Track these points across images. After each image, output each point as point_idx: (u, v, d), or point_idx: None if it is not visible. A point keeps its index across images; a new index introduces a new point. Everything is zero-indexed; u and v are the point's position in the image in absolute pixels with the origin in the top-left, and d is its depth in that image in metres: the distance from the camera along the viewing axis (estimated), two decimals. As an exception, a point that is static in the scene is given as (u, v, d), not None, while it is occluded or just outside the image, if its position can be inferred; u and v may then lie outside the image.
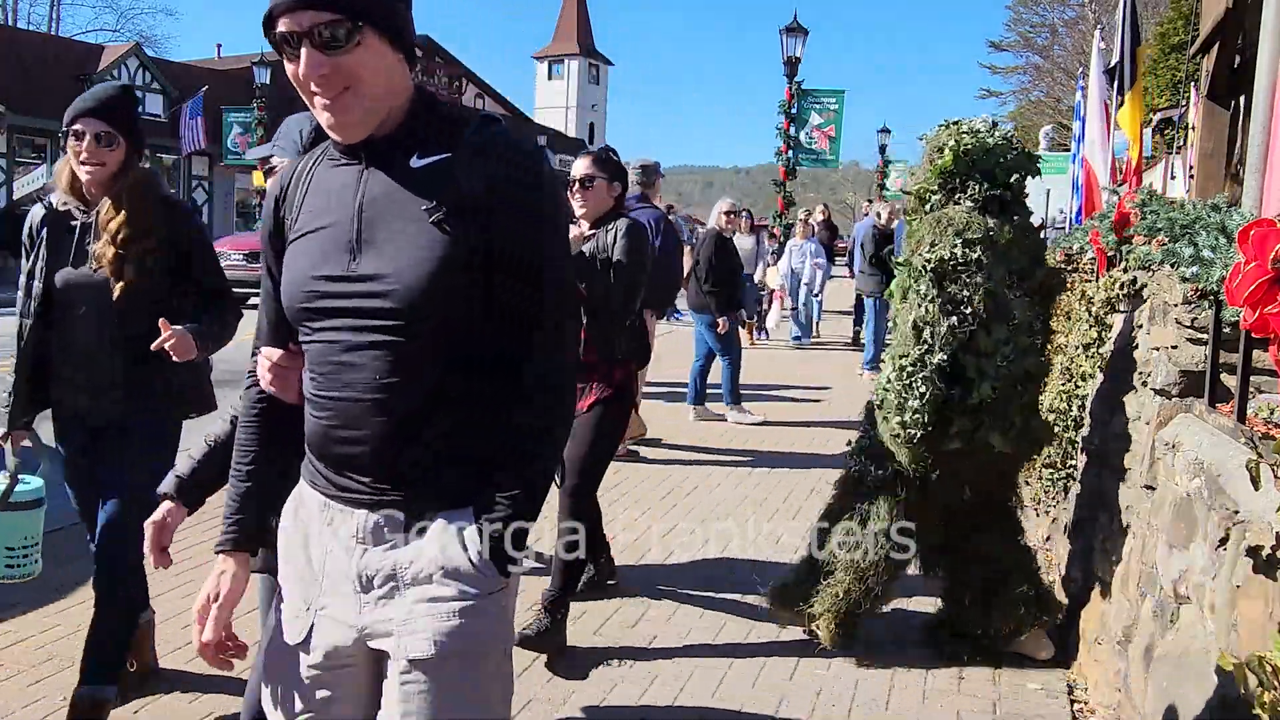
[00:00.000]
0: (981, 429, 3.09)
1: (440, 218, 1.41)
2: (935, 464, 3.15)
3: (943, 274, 3.10)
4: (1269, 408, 2.37)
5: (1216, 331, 2.51)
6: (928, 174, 3.31)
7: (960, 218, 3.14)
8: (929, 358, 3.06)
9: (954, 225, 3.13)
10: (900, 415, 3.09)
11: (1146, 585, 2.66)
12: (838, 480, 3.54)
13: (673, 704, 3.03)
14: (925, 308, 3.09)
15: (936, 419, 3.07)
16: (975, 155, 3.21)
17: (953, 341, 3.05)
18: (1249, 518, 1.90)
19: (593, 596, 3.81)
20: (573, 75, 60.27)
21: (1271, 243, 1.63)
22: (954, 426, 3.08)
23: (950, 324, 3.05)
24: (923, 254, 3.13)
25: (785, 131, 15.40)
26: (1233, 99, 6.20)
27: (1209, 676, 2.00)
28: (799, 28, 15.14)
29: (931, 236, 3.15)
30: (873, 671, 3.28)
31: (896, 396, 3.11)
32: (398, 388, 1.44)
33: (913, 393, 3.07)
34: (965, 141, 3.21)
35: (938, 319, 3.07)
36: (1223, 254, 2.67)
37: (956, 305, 3.08)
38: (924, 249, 3.14)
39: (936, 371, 3.05)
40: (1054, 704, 3.07)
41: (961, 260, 3.08)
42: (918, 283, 3.14)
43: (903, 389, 3.09)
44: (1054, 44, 35.15)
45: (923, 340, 3.08)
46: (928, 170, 3.32)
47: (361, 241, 1.45)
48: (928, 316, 3.08)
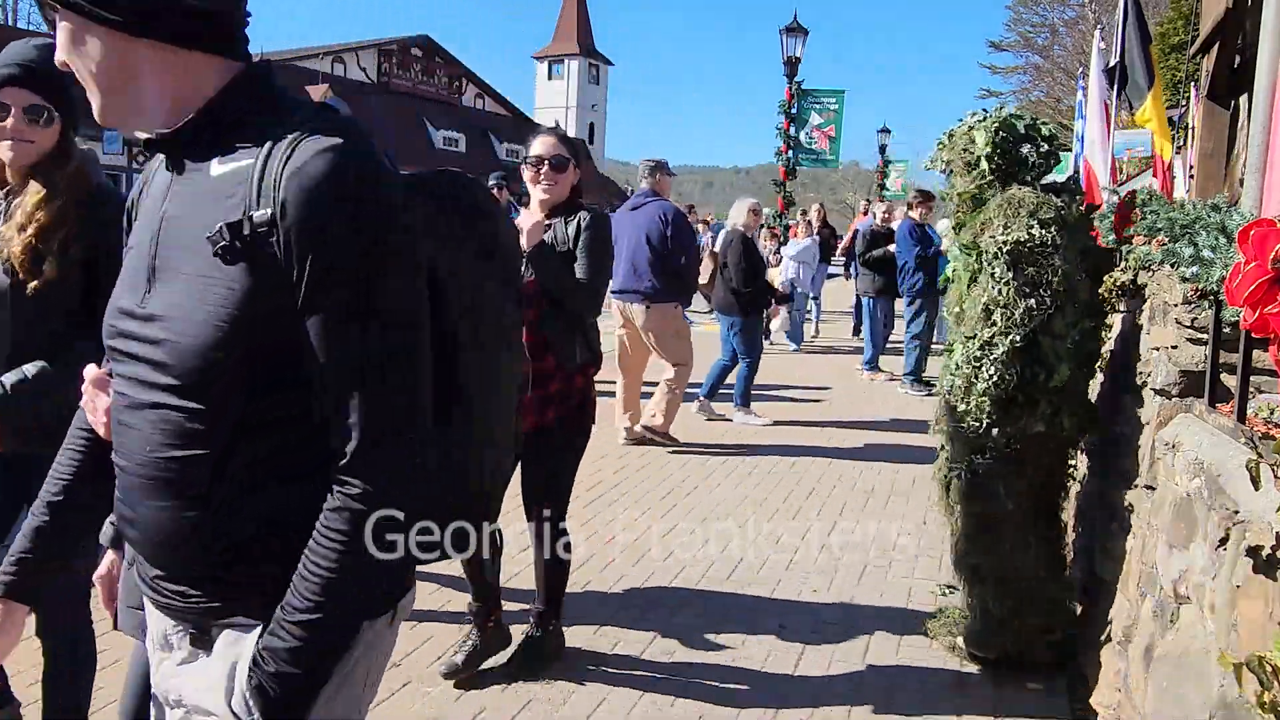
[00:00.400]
0: (1060, 412, 3.08)
1: (224, 246, 1.09)
2: (1005, 453, 3.10)
3: (1019, 256, 3.05)
4: (1269, 408, 2.37)
5: (1216, 331, 2.51)
6: (968, 165, 3.26)
7: (1031, 198, 3.11)
8: (1000, 339, 3.03)
9: (1026, 206, 3.08)
10: (967, 400, 3.09)
11: (1146, 585, 2.66)
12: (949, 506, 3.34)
13: (673, 704, 3.03)
14: (1000, 290, 3.05)
15: (1023, 400, 3.04)
16: (1010, 140, 3.21)
17: (1028, 323, 3.02)
18: (1249, 518, 1.90)
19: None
20: (573, 75, 60.28)
21: (1271, 243, 1.63)
22: (1040, 408, 3.07)
23: (1028, 305, 3.02)
24: (996, 236, 3.09)
25: (785, 131, 15.38)
26: (1233, 99, 6.19)
27: (1209, 676, 2.00)
28: (799, 28, 15.12)
29: (1003, 218, 3.10)
30: (873, 671, 3.28)
31: (965, 380, 3.10)
32: (174, 465, 1.13)
33: (981, 375, 3.05)
34: (999, 128, 3.21)
35: (1013, 301, 3.03)
36: (1223, 254, 2.66)
37: (1035, 287, 3.04)
38: (996, 231, 3.09)
39: (1009, 354, 3.02)
40: (1054, 704, 3.07)
41: (1037, 241, 3.04)
42: (991, 266, 3.09)
43: (971, 373, 3.08)
44: (1054, 44, 35.20)
45: (992, 322, 3.05)
46: (964, 160, 3.27)
47: (155, 270, 1.16)
48: (1001, 299, 3.04)
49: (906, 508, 5.22)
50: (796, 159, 15.21)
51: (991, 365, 3.04)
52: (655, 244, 6.11)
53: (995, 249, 3.08)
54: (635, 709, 2.99)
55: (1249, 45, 5.45)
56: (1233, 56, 6.11)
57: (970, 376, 3.08)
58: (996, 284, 3.07)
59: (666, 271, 6.13)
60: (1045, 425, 3.08)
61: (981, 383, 3.05)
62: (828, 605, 3.84)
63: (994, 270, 3.08)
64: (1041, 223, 3.06)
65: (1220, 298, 2.42)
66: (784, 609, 3.79)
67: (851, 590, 4.01)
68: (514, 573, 4.05)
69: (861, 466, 6.09)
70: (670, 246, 6.12)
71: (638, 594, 3.90)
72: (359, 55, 35.67)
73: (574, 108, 59.22)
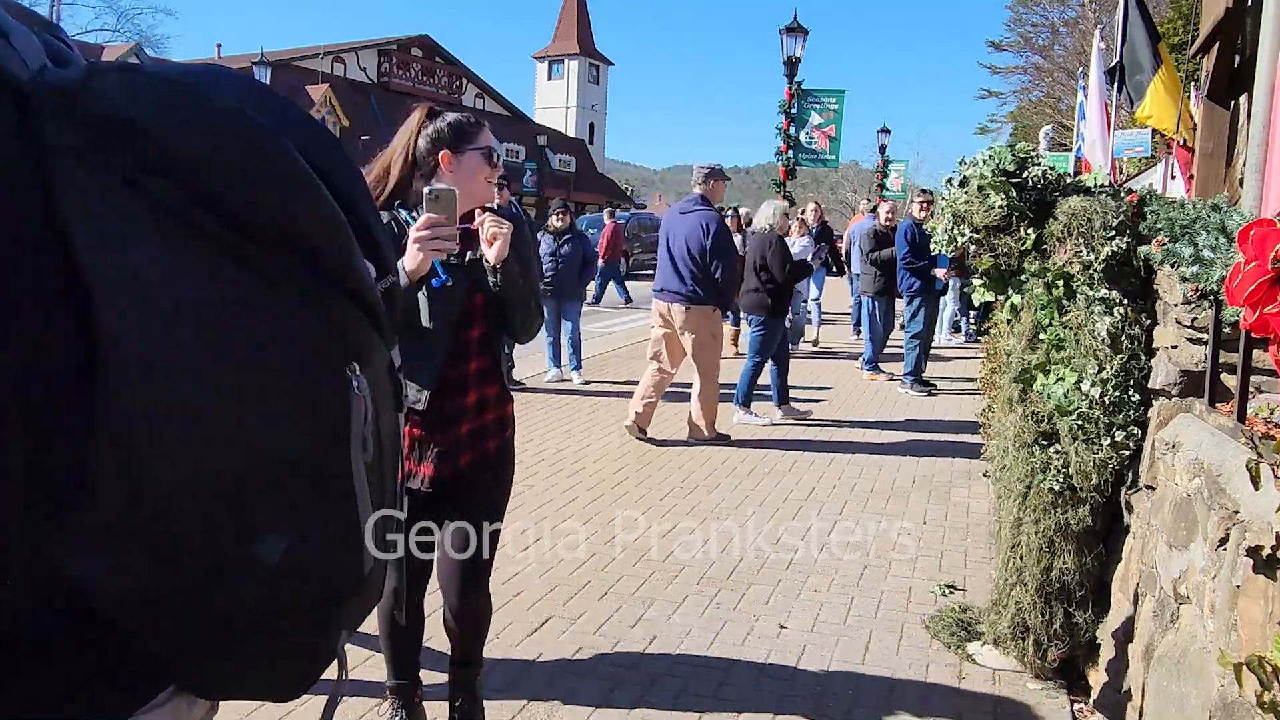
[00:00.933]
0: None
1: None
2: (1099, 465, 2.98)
3: (1112, 272, 2.94)
4: (1269, 408, 2.37)
5: (1216, 331, 2.51)
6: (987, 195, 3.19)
7: (1093, 206, 3.02)
8: (1133, 365, 2.89)
9: (1102, 216, 2.98)
10: (1110, 436, 2.92)
11: (1146, 585, 2.66)
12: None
13: (673, 704, 3.03)
14: (1117, 312, 2.90)
15: (1131, 401, 2.92)
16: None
17: (1140, 336, 2.89)
18: (1249, 518, 1.90)
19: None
20: (573, 75, 60.25)
21: (1271, 243, 1.63)
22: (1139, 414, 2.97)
23: (1145, 324, 2.90)
24: (1082, 256, 2.97)
25: (785, 131, 15.40)
26: (1233, 99, 6.19)
27: (1209, 676, 2.00)
28: (799, 28, 15.14)
29: (1077, 237, 2.99)
30: (873, 671, 3.28)
31: (1106, 416, 2.91)
32: None
33: (1124, 409, 2.90)
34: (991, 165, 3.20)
35: (1133, 319, 2.90)
36: (1223, 254, 2.66)
37: (1133, 299, 2.93)
38: (1080, 250, 2.97)
39: (1144, 378, 2.89)
40: (1054, 704, 3.07)
41: (1125, 250, 2.94)
42: (1093, 289, 2.94)
43: (1111, 406, 2.90)
44: (1054, 44, 35.17)
45: (1121, 348, 2.89)
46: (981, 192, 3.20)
47: None
48: (1121, 321, 2.89)
49: (906, 508, 5.22)
50: (796, 159, 15.22)
51: (1136, 391, 2.92)
52: (694, 253, 6.40)
53: (1081, 269, 2.97)
54: (635, 709, 2.99)
55: (1249, 45, 5.45)
56: (1233, 56, 6.11)
57: (1110, 412, 2.92)
58: (1114, 305, 2.91)
59: (707, 278, 6.42)
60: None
61: (1122, 415, 2.90)
62: (828, 605, 3.84)
63: (1095, 293, 2.96)
64: (1117, 229, 2.98)
65: (1220, 298, 2.42)
66: (784, 609, 3.79)
67: (851, 590, 4.01)
68: (514, 572, 4.05)
69: (861, 466, 6.09)
70: (709, 258, 6.39)
71: (638, 594, 3.90)
72: (359, 55, 35.65)
73: (574, 108, 59.19)
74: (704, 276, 6.40)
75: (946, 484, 5.73)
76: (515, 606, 3.72)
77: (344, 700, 2.91)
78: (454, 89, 39.10)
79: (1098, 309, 2.97)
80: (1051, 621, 3.13)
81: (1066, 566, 3.09)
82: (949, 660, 3.37)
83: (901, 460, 6.27)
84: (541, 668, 3.25)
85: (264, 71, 22.04)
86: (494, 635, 3.47)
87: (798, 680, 3.22)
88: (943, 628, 3.54)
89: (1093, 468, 2.98)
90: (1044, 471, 3.13)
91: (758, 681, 3.20)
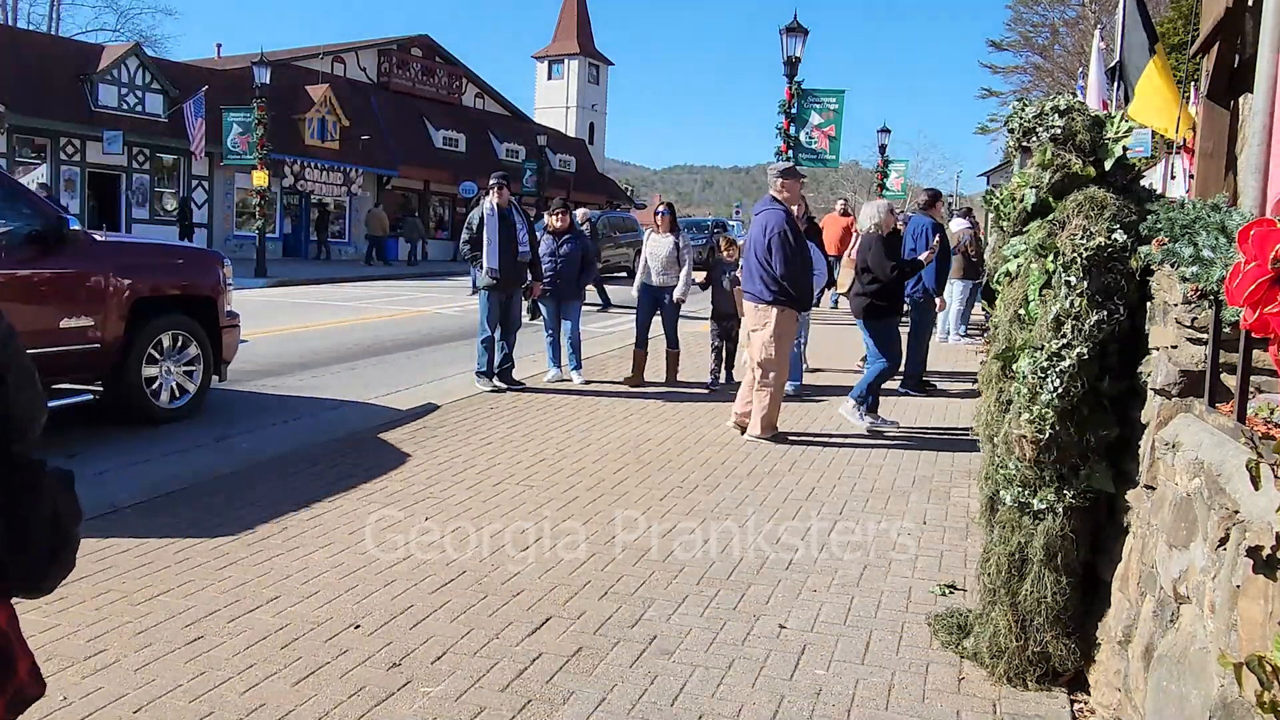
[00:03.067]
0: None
1: None
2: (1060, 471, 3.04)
3: (1098, 263, 2.99)
4: (1269, 408, 2.37)
5: (1216, 331, 2.51)
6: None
7: (1113, 201, 3.05)
8: (1067, 352, 2.97)
9: (1109, 209, 3.02)
10: (1030, 410, 3.02)
11: (1146, 585, 2.66)
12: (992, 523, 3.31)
13: (673, 704, 3.03)
14: (1072, 300, 2.99)
15: (1088, 409, 2.98)
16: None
17: (1099, 335, 2.97)
18: (1249, 518, 1.90)
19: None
20: (573, 75, 60.23)
21: (1271, 243, 1.63)
22: (1108, 414, 3.04)
23: (1100, 318, 2.96)
24: (1075, 240, 3.02)
25: (785, 131, 15.41)
26: (1233, 99, 6.19)
27: (1209, 676, 2.00)
28: (799, 28, 15.14)
29: (1083, 220, 3.03)
30: (873, 671, 3.28)
31: (1030, 390, 3.03)
32: None
33: (1045, 387, 2.99)
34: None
35: (1085, 312, 2.97)
36: (1223, 254, 2.66)
37: (1109, 295, 2.99)
38: (1075, 235, 3.03)
39: (1077, 365, 2.96)
40: (1054, 704, 3.07)
41: (1117, 247, 2.99)
42: (1067, 272, 3.02)
43: (1036, 383, 3.02)
44: (1054, 44, 35.18)
45: (1062, 334, 3.00)
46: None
47: None
48: (1073, 309, 2.98)
49: (906, 508, 5.22)
50: (797, 159, 15.21)
51: (1058, 378, 2.98)
52: (759, 254, 6.59)
53: (1073, 254, 3.01)
54: (635, 709, 2.99)
55: (1249, 45, 5.44)
56: (1233, 56, 6.11)
57: (1035, 387, 3.01)
58: (1071, 293, 2.99)
59: (771, 277, 6.56)
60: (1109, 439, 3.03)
61: (1045, 393, 2.98)
62: (828, 605, 3.84)
63: (1069, 278, 3.01)
64: (1124, 227, 3.01)
65: (1220, 298, 2.42)
66: (784, 608, 3.79)
67: (851, 590, 4.01)
68: (514, 572, 4.05)
69: (861, 466, 6.09)
70: (770, 259, 6.53)
71: (638, 594, 3.90)
72: (359, 55, 35.61)
73: (574, 108, 59.18)
74: (769, 276, 6.56)
75: (946, 484, 5.73)
76: (515, 606, 3.72)
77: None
78: (454, 89, 39.05)
79: (1062, 291, 3.03)
80: (1026, 647, 3.14)
81: (1038, 592, 3.10)
82: (949, 660, 3.37)
83: (901, 460, 6.27)
84: (541, 668, 3.24)
85: (264, 71, 21.97)
86: (494, 635, 3.47)
87: (798, 680, 3.22)
88: (942, 627, 3.55)
89: (1010, 439, 3.05)
90: (1008, 483, 3.14)
91: (758, 681, 3.20)
